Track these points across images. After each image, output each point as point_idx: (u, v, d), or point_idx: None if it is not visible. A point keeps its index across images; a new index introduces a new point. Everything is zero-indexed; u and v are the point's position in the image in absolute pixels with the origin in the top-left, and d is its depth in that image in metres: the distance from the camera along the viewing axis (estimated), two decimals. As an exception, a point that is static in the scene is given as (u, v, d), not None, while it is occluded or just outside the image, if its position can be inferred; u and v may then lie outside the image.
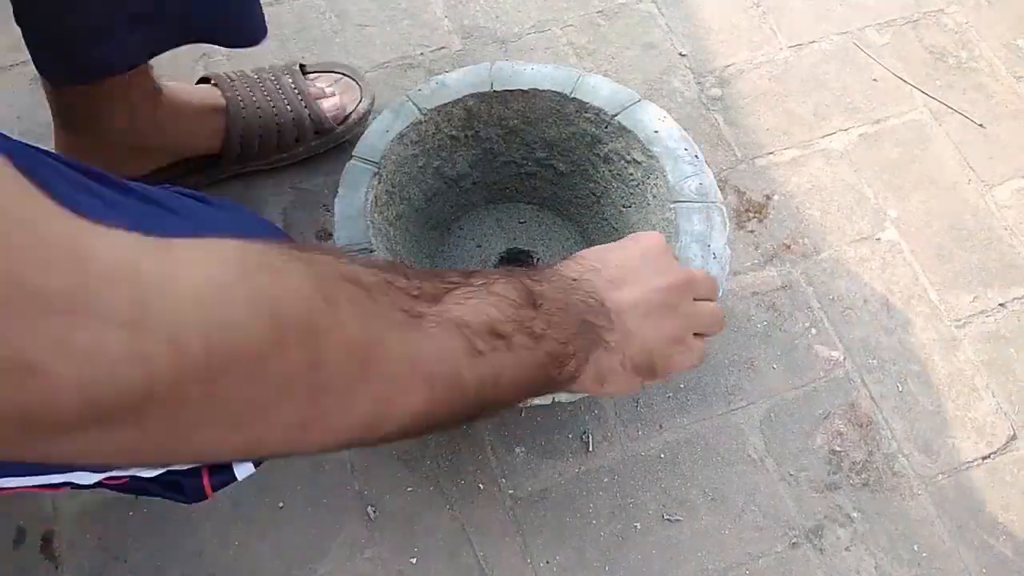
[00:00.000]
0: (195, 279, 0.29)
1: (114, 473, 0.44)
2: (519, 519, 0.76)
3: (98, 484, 0.46)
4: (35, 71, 0.73)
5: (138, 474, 0.45)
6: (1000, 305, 0.89)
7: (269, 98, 0.87)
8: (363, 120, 0.91)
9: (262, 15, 0.76)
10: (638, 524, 0.76)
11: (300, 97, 0.88)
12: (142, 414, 0.28)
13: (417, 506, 0.76)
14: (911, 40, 1.04)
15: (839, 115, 0.99)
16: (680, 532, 0.76)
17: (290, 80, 0.89)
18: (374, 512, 0.76)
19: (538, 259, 0.83)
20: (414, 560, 0.74)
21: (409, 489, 0.77)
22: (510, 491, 0.77)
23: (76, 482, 0.44)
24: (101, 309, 0.26)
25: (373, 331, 0.35)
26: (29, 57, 0.71)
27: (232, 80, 0.87)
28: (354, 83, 0.92)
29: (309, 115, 0.88)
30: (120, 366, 0.27)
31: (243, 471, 0.48)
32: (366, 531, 0.75)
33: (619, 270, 0.51)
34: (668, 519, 0.77)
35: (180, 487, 0.47)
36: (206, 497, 0.48)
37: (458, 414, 0.40)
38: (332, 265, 0.35)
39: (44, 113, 0.79)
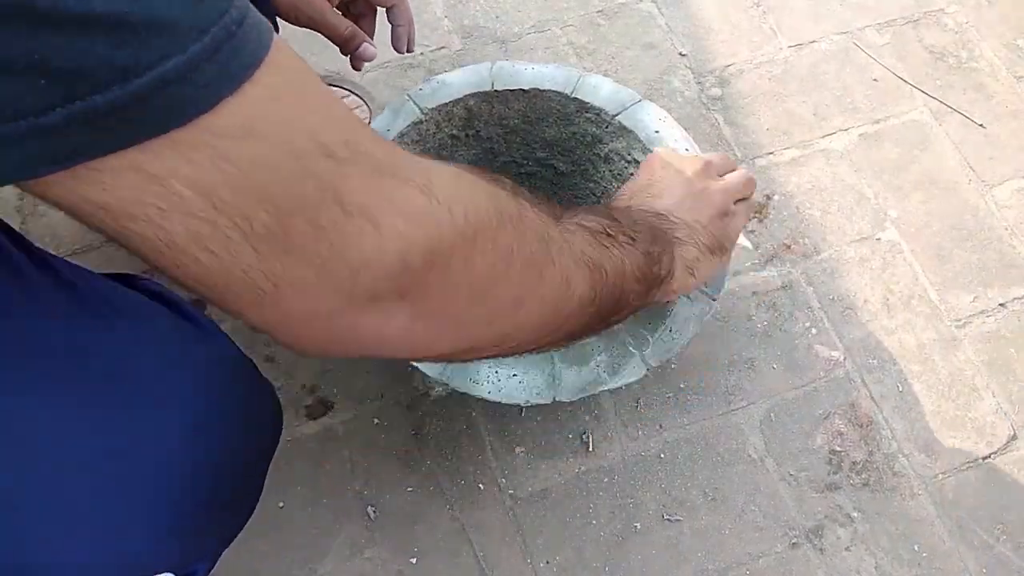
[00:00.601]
0: (450, 171, 0.36)
1: None
2: (519, 519, 0.76)
3: None
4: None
5: None
6: (1000, 305, 0.89)
7: None
8: None
9: (274, 15, 0.75)
10: (638, 524, 0.76)
11: None
12: (427, 279, 0.34)
13: (417, 506, 0.76)
14: (911, 40, 1.04)
15: (839, 115, 0.99)
16: (680, 532, 0.76)
17: None
18: (374, 512, 0.76)
19: None
20: (414, 560, 0.74)
21: (409, 489, 0.77)
22: (510, 491, 0.77)
23: None
24: (410, 176, 0.33)
25: (545, 223, 0.42)
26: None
27: None
28: (361, 101, 0.92)
29: None
30: (423, 223, 0.33)
31: None
32: (366, 531, 0.75)
33: (651, 187, 0.60)
34: (668, 519, 0.77)
35: None
36: None
37: (609, 303, 0.47)
38: (510, 187, 0.42)
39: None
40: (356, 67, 0.75)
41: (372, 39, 0.74)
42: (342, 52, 0.73)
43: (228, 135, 0.27)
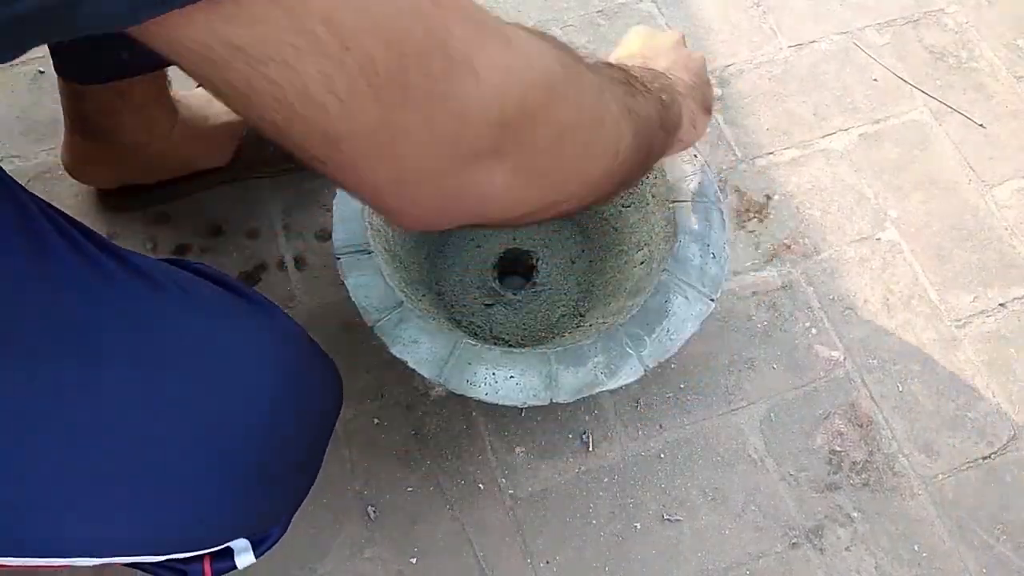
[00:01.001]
0: (515, 26, 0.37)
1: (115, 560, 0.46)
2: (519, 519, 0.76)
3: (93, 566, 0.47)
4: (35, 71, 0.73)
5: (141, 561, 0.47)
6: (1000, 305, 0.89)
7: None
8: None
9: None
10: (638, 524, 0.76)
11: None
12: (518, 132, 0.36)
13: (417, 506, 0.76)
14: (911, 40, 1.04)
15: (839, 115, 0.99)
16: (680, 532, 0.76)
17: None
18: (374, 512, 0.76)
19: (538, 259, 0.83)
20: (414, 560, 0.74)
21: (409, 489, 0.77)
22: (510, 491, 0.77)
23: (77, 565, 0.45)
24: (494, 27, 0.35)
25: (586, 73, 0.43)
26: (29, 57, 0.71)
27: None
28: None
29: None
30: (513, 74, 0.35)
31: (244, 560, 0.52)
32: (366, 531, 0.75)
33: (646, 50, 0.65)
34: (668, 519, 0.77)
35: (181, 572, 0.50)
36: None
37: (646, 146, 0.49)
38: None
39: (44, 112, 0.79)
40: None
41: None
42: None
43: None
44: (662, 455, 0.79)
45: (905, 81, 1.01)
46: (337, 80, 0.29)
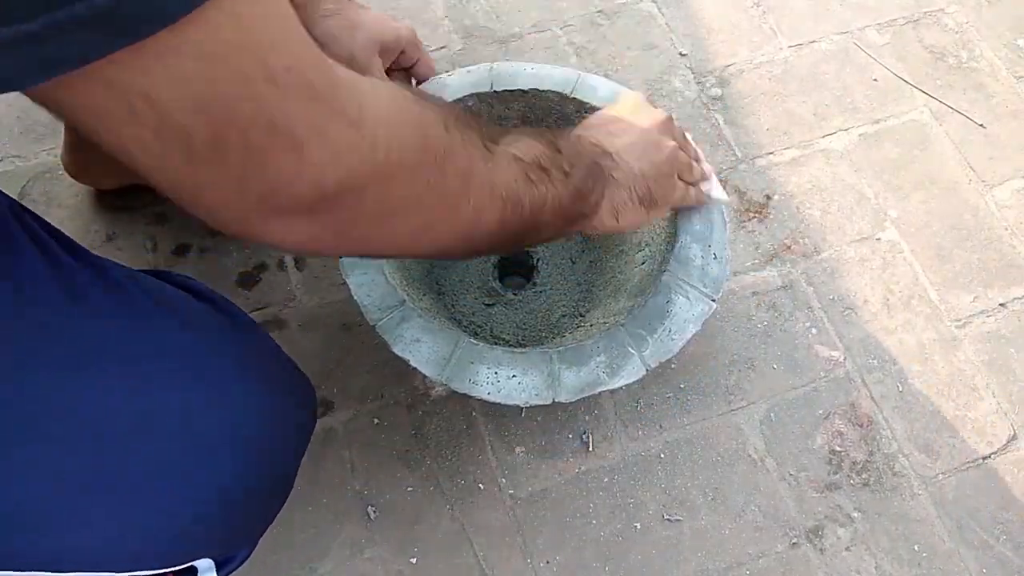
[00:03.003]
0: (388, 102, 0.37)
1: (76, 575, 0.45)
2: (519, 519, 0.76)
3: None
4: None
5: None
6: (1000, 305, 0.89)
7: None
8: None
9: None
10: (638, 524, 0.76)
11: None
12: (337, 203, 0.36)
13: (417, 506, 0.76)
14: (911, 40, 1.04)
15: (839, 115, 0.99)
16: (680, 532, 0.76)
17: None
18: (374, 512, 0.76)
19: (538, 259, 0.83)
20: (414, 560, 0.74)
21: (409, 489, 0.77)
22: (510, 491, 0.77)
23: None
24: (344, 106, 0.35)
25: (471, 157, 0.44)
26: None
27: None
28: None
29: None
30: (344, 156, 0.35)
31: None
32: (366, 531, 0.75)
33: (614, 124, 0.62)
34: (668, 519, 0.77)
35: None
36: None
37: (520, 233, 0.49)
38: (446, 105, 0.45)
39: (44, 112, 0.79)
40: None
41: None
42: None
43: (187, 54, 0.29)
44: (662, 455, 0.79)
45: (905, 81, 1.01)
46: (152, 145, 0.31)
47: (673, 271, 0.68)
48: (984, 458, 0.81)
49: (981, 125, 0.99)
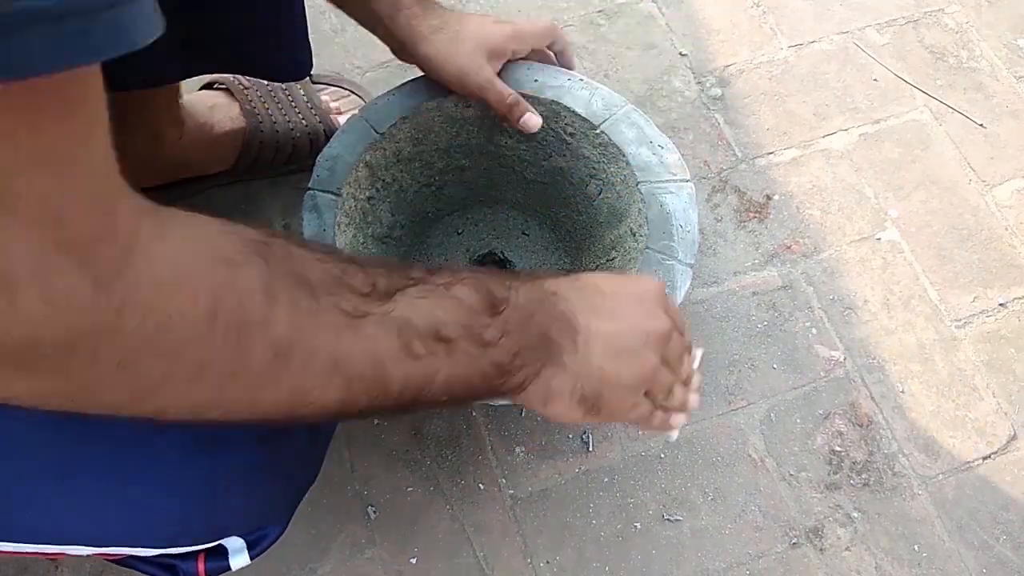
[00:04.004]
0: (167, 264, 0.32)
1: (110, 550, 0.45)
2: (519, 519, 0.76)
3: (92, 557, 0.47)
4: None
5: (134, 553, 0.46)
6: (1000, 305, 0.89)
7: (285, 114, 0.87)
8: None
9: (311, 51, 0.74)
10: (638, 524, 0.76)
11: (314, 112, 0.88)
12: (64, 363, 0.31)
13: (417, 506, 0.76)
14: (911, 40, 1.04)
15: (839, 115, 0.99)
16: (680, 532, 0.76)
17: (303, 93, 0.89)
18: (374, 512, 0.76)
19: (512, 264, 0.82)
20: (414, 560, 0.74)
21: (409, 489, 0.77)
22: (510, 491, 0.77)
23: (70, 553, 0.45)
24: (94, 258, 0.29)
25: (304, 330, 0.36)
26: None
27: (245, 89, 0.87)
28: (361, 101, 0.92)
29: (324, 130, 0.88)
30: (73, 313, 0.29)
31: (238, 561, 0.50)
32: (366, 531, 0.75)
33: (606, 299, 0.49)
34: (668, 519, 0.77)
35: (175, 570, 0.49)
36: None
37: (378, 408, 0.40)
38: (286, 262, 0.36)
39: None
40: (523, 131, 0.72)
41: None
42: (505, 121, 0.72)
43: None
44: (662, 455, 0.79)
45: (905, 81, 1.01)
46: None
47: (650, 246, 0.68)
48: (984, 458, 0.81)
49: (981, 125, 0.99)
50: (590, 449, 0.79)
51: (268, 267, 0.35)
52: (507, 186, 0.82)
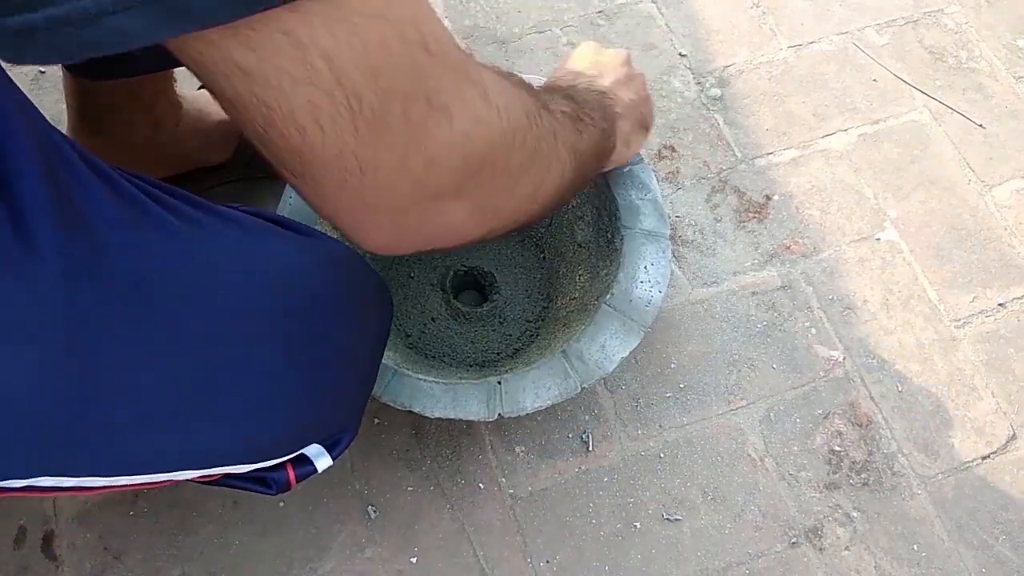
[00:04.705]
0: (497, 76, 0.40)
1: (208, 472, 0.47)
2: (519, 519, 0.76)
3: (193, 480, 0.48)
4: (36, 71, 0.73)
5: (232, 471, 0.48)
6: (1000, 305, 0.89)
7: None
8: None
9: None
10: (638, 523, 0.76)
11: None
12: (480, 176, 0.38)
13: (417, 506, 0.76)
14: (911, 40, 1.05)
15: (839, 115, 0.99)
16: (680, 531, 0.76)
17: None
18: (374, 512, 0.76)
19: (492, 273, 0.82)
20: (414, 559, 0.74)
21: (409, 489, 0.77)
22: (510, 491, 0.77)
23: (174, 479, 0.46)
24: (475, 78, 0.36)
25: (550, 120, 0.46)
26: (30, 57, 0.71)
27: None
28: None
29: None
30: (483, 125, 0.37)
31: (323, 464, 0.53)
32: (366, 530, 0.75)
33: (591, 68, 0.66)
34: (668, 519, 0.77)
35: (266, 481, 0.52)
36: (290, 488, 0.53)
37: (580, 178, 0.52)
38: (513, 74, 0.46)
39: (45, 112, 0.79)
40: None
41: None
42: None
43: (366, 13, 0.30)
44: (662, 455, 0.80)
45: (905, 81, 1.01)
46: (323, 110, 0.31)
47: (611, 302, 0.69)
48: (983, 458, 0.81)
49: (980, 125, 0.99)
50: (590, 449, 0.79)
51: (528, 91, 0.45)
52: None
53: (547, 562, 0.75)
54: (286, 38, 0.29)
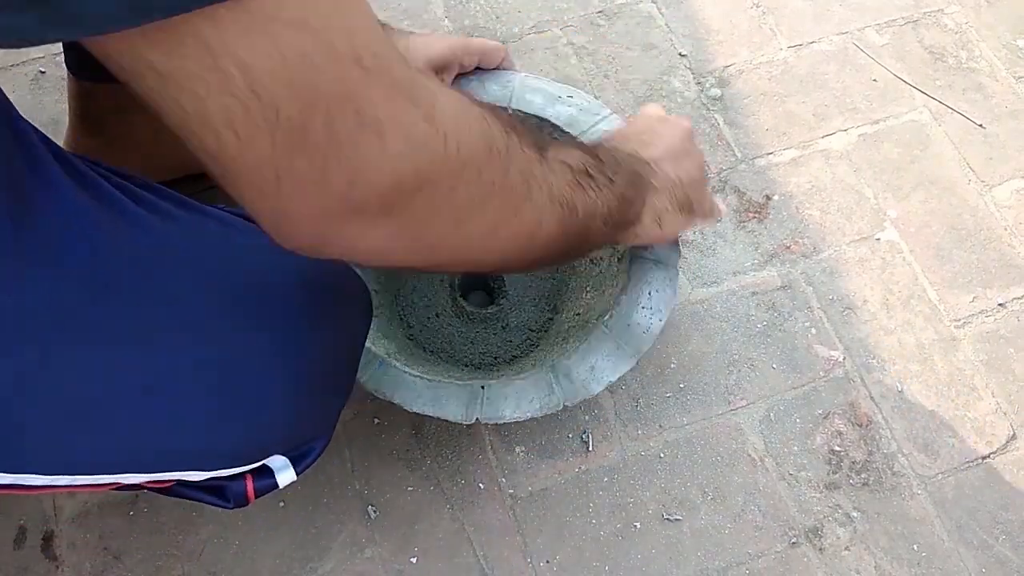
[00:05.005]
0: (455, 99, 0.38)
1: (158, 476, 0.46)
2: (519, 519, 0.76)
3: (142, 486, 0.47)
4: (36, 71, 0.73)
5: (183, 478, 0.47)
6: (1000, 305, 0.89)
7: None
8: None
9: None
10: (638, 523, 0.77)
11: None
12: (413, 200, 0.36)
13: (417, 506, 0.76)
14: (911, 40, 1.05)
15: (839, 115, 0.99)
16: (680, 531, 0.76)
17: None
18: (374, 512, 0.76)
19: (503, 281, 0.82)
20: (414, 559, 0.74)
21: (409, 489, 0.77)
22: (510, 491, 0.77)
23: (122, 482, 0.45)
24: (420, 98, 0.35)
25: (529, 160, 0.44)
26: (30, 58, 0.71)
27: None
28: None
29: None
30: (421, 149, 0.35)
31: (285, 478, 0.52)
32: (366, 530, 0.75)
33: (644, 134, 0.62)
34: (668, 518, 0.77)
35: (223, 492, 0.51)
36: (248, 502, 0.51)
37: (574, 242, 0.49)
38: (498, 109, 0.44)
39: (45, 113, 0.79)
40: None
41: None
42: None
43: (287, 22, 0.29)
44: (662, 455, 0.80)
45: (905, 81, 1.01)
46: (238, 118, 0.30)
47: (609, 326, 0.67)
48: (983, 458, 0.81)
49: (980, 125, 0.99)
50: (590, 449, 0.79)
51: (493, 110, 0.42)
52: None
53: (547, 562, 0.75)
54: (198, 44, 0.28)
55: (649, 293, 0.68)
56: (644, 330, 0.67)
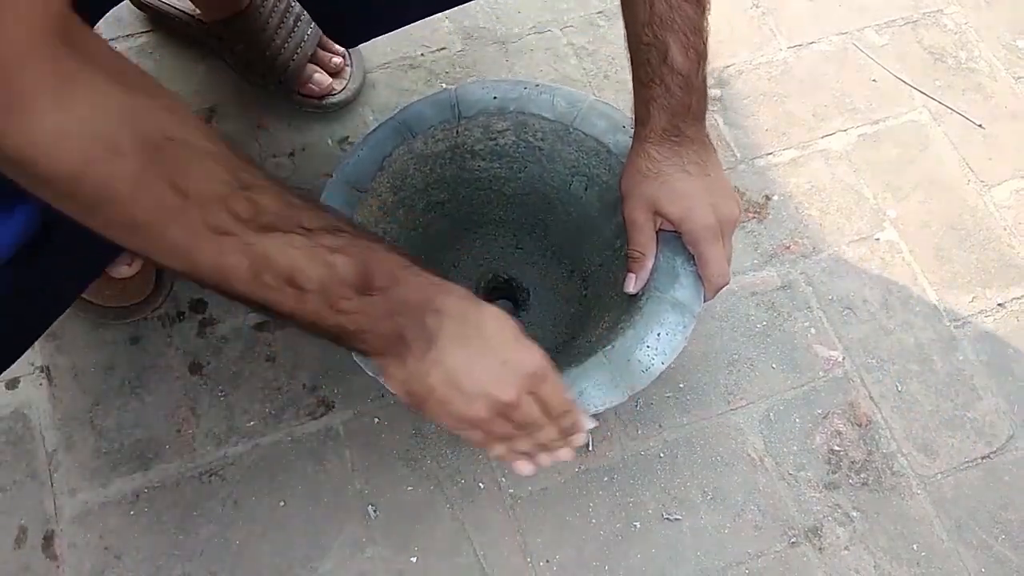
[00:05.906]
0: (51, 133, 0.36)
1: None
2: (519, 518, 0.76)
3: None
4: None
5: None
6: (999, 305, 0.89)
7: (287, 33, 0.92)
8: (332, 108, 0.95)
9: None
10: (638, 523, 0.77)
11: (303, 52, 0.92)
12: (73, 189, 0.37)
13: (417, 505, 0.76)
14: (910, 41, 1.05)
15: (838, 116, 0.99)
16: (680, 531, 0.76)
17: (310, 29, 0.93)
18: (374, 511, 0.76)
19: (525, 287, 0.81)
20: (414, 559, 0.74)
21: (409, 488, 0.77)
22: (510, 490, 0.77)
23: None
24: (71, 98, 0.35)
25: (158, 219, 0.40)
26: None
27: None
28: (352, 71, 0.94)
29: (295, 70, 0.91)
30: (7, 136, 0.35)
31: None
32: (367, 530, 0.75)
33: (478, 340, 0.48)
34: (668, 518, 0.77)
35: None
36: None
37: (238, 298, 0.44)
38: (173, 167, 0.39)
39: None
40: (626, 288, 0.67)
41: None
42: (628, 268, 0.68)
43: None
44: (661, 454, 0.80)
45: (904, 82, 1.01)
46: None
47: (609, 357, 0.64)
48: (983, 458, 0.81)
49: (980, 126, 0.99)
50: (590, 449, 0.79)
51: (149, 166, 0.38)
52: (488, 207, 0.81)
53: (547, 562, 0.75)
54: None
55: (658, 334, 0.64)
56: (644, 369, 0.63)
